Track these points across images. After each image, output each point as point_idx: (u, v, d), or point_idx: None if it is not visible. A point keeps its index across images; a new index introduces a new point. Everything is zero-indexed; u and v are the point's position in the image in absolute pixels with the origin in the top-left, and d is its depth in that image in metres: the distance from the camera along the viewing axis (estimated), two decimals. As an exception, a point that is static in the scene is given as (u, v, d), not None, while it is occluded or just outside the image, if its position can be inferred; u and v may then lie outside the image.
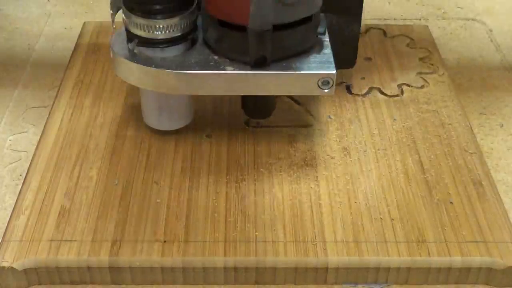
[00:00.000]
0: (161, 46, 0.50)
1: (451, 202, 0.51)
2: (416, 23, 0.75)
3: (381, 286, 0.48)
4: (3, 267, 0.47)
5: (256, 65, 0.49)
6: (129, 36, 0.50)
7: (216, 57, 0.50)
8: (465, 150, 0.56)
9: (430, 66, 0.65)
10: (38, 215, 0.50)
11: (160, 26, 0.49)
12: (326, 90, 0.49)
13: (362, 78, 0.63)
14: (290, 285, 0.48)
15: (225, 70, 0.49)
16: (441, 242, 0.48)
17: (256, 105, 0.56)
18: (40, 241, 0.48)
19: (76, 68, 0.64)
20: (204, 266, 0.47)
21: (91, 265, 0.47)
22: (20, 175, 0.56)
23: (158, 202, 0.51)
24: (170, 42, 0.50)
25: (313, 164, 0.54)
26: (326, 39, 0.52)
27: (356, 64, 0.64)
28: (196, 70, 0.49)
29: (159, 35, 0.49)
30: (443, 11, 0.78)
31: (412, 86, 0.63)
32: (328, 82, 0.49)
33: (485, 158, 0.56)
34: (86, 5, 0.78)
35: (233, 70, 0.49)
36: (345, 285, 0.48)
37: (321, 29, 0.51)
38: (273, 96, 0.56)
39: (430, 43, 0.69)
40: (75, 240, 0.48)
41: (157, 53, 0.50)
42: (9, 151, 0.58)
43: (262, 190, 0.52)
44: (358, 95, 0.61)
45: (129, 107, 0.59)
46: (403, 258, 0.47)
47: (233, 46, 0.49)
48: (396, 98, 0.61)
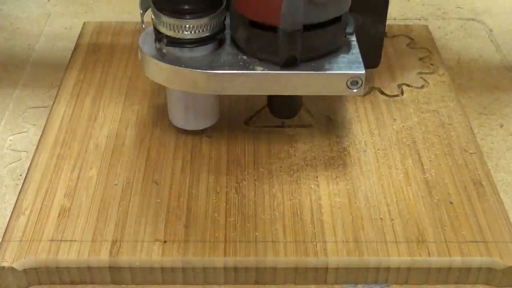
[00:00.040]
0: (190, 46, 0.50)
1: (451, 202, 0.51)
2: (416, 23, 0.74)
3: (381, 286, 0.48)
4: (3, 267, 0.47)
5: (286, 65, 0.49)
6: (158, 36, 0.50)
7: (245, 57, 0.50)
8: (465, 150, 0.56)
9: (430, 66, 0.65)
10: (38, 215, 0.50)
11: (189, 26, 0.49)
12: (355, 90, 0.49)
13: (362, 78, 0.63)
14: (290, 285, 0.48)
15: (255, 70, 0.49)
16: (441, 242, 0.48)
17: (283, 105, 0.56)
18: (40, 241, 0.48)
19: (76, 68, 0.64)
20: (204, 266, 0.47)
21: (91, 265, 0.47)
22: (20, 175, 0.56)
23: (158, 202, 0.51)
24: (199, 42, 0.50)
25: (313, 164, 0.54)
26: (354, 39, 0.51)
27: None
28: (226, 70, 0.49)
29: (188, 35, 0.49)
30: (443, 11, 0.78)
31: (412, 86, 0.63)
32: (357, 82, 0.49)
33: (485, 158, 0.56)
34: (86, 5, 0.78)
35: (263, 70, 0.49)
36: (345, 285, 0.48)
37: (350, 29, 0.51)
38: (300, 96, 0.56)
39: (430, 43, 0.69)
40: (75, 240, 0.48)
41: (186, 53, 0.50)
42: (9, 151, 0.58)
43: (262, 190, 0.52)
44: (358, 95, 0.61)
45: (129, 107, 0.59)
46: (403, 258, 0.47)
47: (263, 46, 0.49)
48: (396, 98, 0.61)
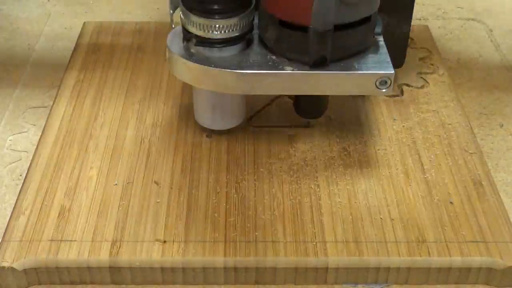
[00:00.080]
0: (219, 46, 0.49)
1: (451, 202, 0.51)
2: (416, 23, 0.74)
3: (381, 286, 0.48)
4: (3, 267, 0.47)
5: (315, 65, 0.49)
6: (186, 36, 0.50)
7: (274, 57, 0.50)
8: (465, 150, 0.56)
9: (430, 66, 0.65)
10: (38, 215, 0.50)
11: (219, 26, 0.49)
12: (384, 90, 0.49)
13: (362, 78, 0.63)
14: (290, 285, 0.48)
15: (284, 70, 0.49)
16: (441, 242, 0.48)
17: (309, 105, 0.56)
18: (40, 241, 0.48)
19: (76, 68, 0.64)
20: (204, 266, 0.47)
21: (91, 265, 0.47)
22: (20, 175, 0.56)
23: (158, 202, 0.51)
24: (228, 42, 0.49)
25: (313, 164, 0.54)
26: (381, 39, 0.51)
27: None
28: (256, 70, 0.49)
29: (217, 35, 0.49)
30: (443, 11, 0.78)
31: (412, 86, 0.63)
32: (386, 82, 0.49)
33: (485, 158, 0.56)
34: (86, 5, 0.78)
35: (293, 70, 0.49)
36: (345, 285, 0.48)
37: (378, 29, 0.51)
38: (327, 97, 0.56)
39: (430, 43, 0.68)
40: (75, 240, 0.48)
41: (214, 53, 0.50)
42: (9, 151, 0.58)
43: (262, 190, 0.52)
44: (358, 95, 0.61)
45: (130, 107, 0.59)
46: (403, 258, 0.47)
47: (293, 46, 0.49)
48: (396, 98, 0.61)
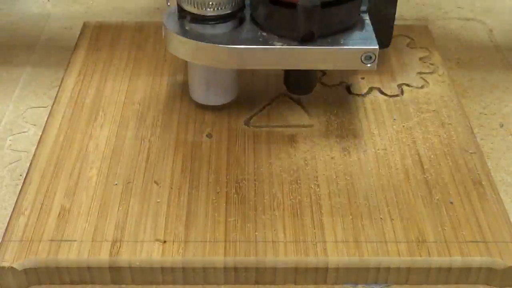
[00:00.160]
0: (212, 23, 0.52)
1: (451, 202, 0.51)
2: (416, 23, 0.74)
3: (381, 286, 0.48)
4: (3, 267, 0.47)
5: (304, 41, 0.51)
6: (182, 13, 0.53)
7: (265, 34, 0.52)
8: (465, 150, 0.56)
9: (430, 66, 0.65)
10: (38, 215, 0.50)
11: (212, 3, 0.51)
12: (369, 65, 0.52)
13: (362, 78, 0.63)
14: (290, 285, 0.48)
15: (274, 45, 0.51)
16: (441, 242, 0.48)
17: (298, 81, 0.58)
18: (40, 241, 0.48)
19: (76, 68, 0.64)
20: (204, 266, 0.47)
21: (91, 265, 0.47)
22: (20, 175, 0.56)
23: (158, 202, 0.51)
24: (221, 19, 0.52)
25: (313, 164, 0.54)
26: (367, 17, 0.54)
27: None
28: (247, 45, 0.51)
29: (211, 12, 0.52)
30: (443, 11, 0.78)
31: (412, 86, 0.63)
32: (371, 57, 0.51)
33: (485, 158, 0.56)
34: (86, 5, 0.78)
35: (282, 45, 0.51)
36: (345, 285, 0.48)
37: (364, 7, 0.53)
38: (315, 73, 0.58)
39: (430, 43, 0.68)
40: (75, 240, 0.48)
41: (208, 30, 0.52)
42: (9, 151, 0.58)
43: (262, 190, 0.52)
44: (358, 95, 0.61)
45: (130, 107, 0.59)
46: (403, 258, 0.47)
47: (282, 23, 0.51)
48: (396, 98, 0.61)
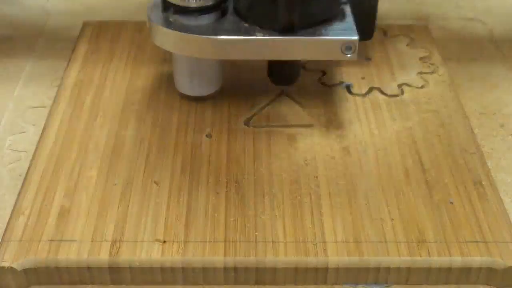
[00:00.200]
0: (195, 14, 0.53)
1: (451, 202, 0.51)
2: (416, 23, 0.74)
3: (381, 286, 0.48)
4: (3, 267, 0.47)
5: (284, 31, 0.52)
6: (165, 5, 0.54)
7: (247, 25, 0.53)
8: (465, 150, 0.56)
9: (430, 66, 0.65)
10: (38, 215, 0.50)
11: None
12: (349, 55, 0.52)
13: (362, 78, 0.63)
14: (290, 285, 0.48)
15: (255, 36, 0.52)
16: (441, 242, 0.48)
17: (282, 72, 0.58)
18: (40, 241, 0.48)
19: (76, 68, 0.64)
20: (204, 266, 0.47)
21: (91, 265, 0.47)
22: (20, 175, 0.56)
23: (158, 202, 0.51)
24: (204, 11, 0.53)
25: (313, 164, 0.54)
26: (348, 9, 0.55)
27: (356, 64, 0.64)
28: (229, 36, 0.52)
29: (194, 3, 0.53)
30: (443, 11, 0.78)
31: (412, 86, 0.63)
32: (351, 48, 0.52)
33: (485, 158, 0.56)
34: (86, 5, 0.78)
35: (263, 36, 0.52)
36: (346, 286, 0.48)
37: None
38: (298, 64, 0.59)
39: (430, 43, 0.69)
40: (75, 240, 0.48)
41: (191, 21, 0.53)
42: (9, 151, 0.58)
43: (262, 190, 0.52)
44: (358, 95, 0.61)
45: (129, 107, 0.59)
46: (403, 258, 0.47)
47: (263, 13, 0.52)
48: (396, 98, 0.61)
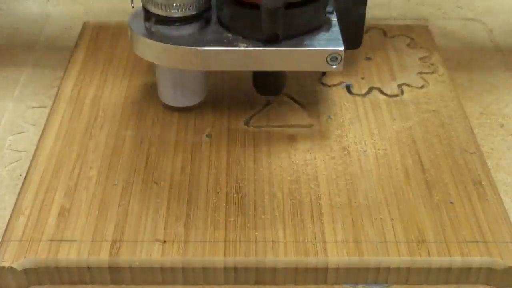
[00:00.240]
0: (177, 24, 0.52)
1: (451, 202, 0.51)
2: (416, 23, 0.74)
3: (381, 286, 0.48)
4: (3, 267, 0.47)
5: (268, 42, 0.51)
6: (147, 15, 0.53)
7: (230, 35, 0.52)
8: (465, 150, 0.56)
9: (430, 66, 0.65)
10: (38, 215, 0.50)
11: (177, 5, 0.51)
12: (334, 66, 0.51)
13: (362, 78, 0.63)
14: (290, 285, 0.48)
15: (239, 47, 0.51)
16: (441, 242, 0.48)
17: (267, 83, 0.57)
18: (40, 241, 0.48)
19: (76, 68, 0.64)
20: (204, 266, 0.47)
21: (91, 265, 0.47)
22: (20, 175, 0.56)
23: (158, 202, 0.51)
24: (186, 20, 0.52)
25: (313, 164, 0.54)
26: (334, 18, 0.54)
27: (356, 64, 0.64)
28: (211, 47, 0.51)
29: (176, 13, 0.51)
30: (443, 11, 0.78)
31: (412, 86, 0.63)
32: (336, 58, 0.51)
33: (485, 158, 0.56)
34: (86, 5, 0.78)
35: (246, 47, 0.51)
36: (345, 286, 0.48)
37: (330, 8, 0.53)
38: (284, 75, 0.58)
39: (430, 43, 0.69)
40: (75, 240, 0.48)
41: (173, 31, 0.52)
42: (9, 151, 0.58)
43: (262, 190, 0.52)
44: (358, 95, 0.61)
45: (129, 107, 0.59)
46: (403, 258, 0.47)
47: (246, 24, 0.51)
48: (396, 98, 0.61)
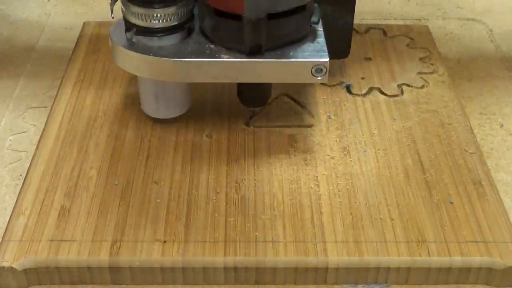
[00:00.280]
0: (159, 35, 0.51)
1: (451, 202, 0.51)
2: (416, 23, 0.74)
3: (381, 286, 0.48)
4: (3, 267, 0.47)
5: (251, 53, 0.50)
6: (127, 26, 0.51)
7: (212, 46, 0.51)
8: (465, 150, 0.56)
9: (430, 66, 0.65)
10: (38, 215, 0.50)
11: (158, 15, 0.50)
12: (319, 78, 0.50)
13: (362, 78, 0.63)
14: (290, 285, 0.48)
15: (221, 58, 0.50)
16: (441, 242, 0.48)
17: (251, 94, 0.56)
18: (40, 241, 0.48)
19: (76, 68, 0.64)
20: (204, 266, 0.47)
21: (91, 265, 0.47)
22: (20, 175, 0.56)
23: (158, 202, 0.51)
24: (167, 31, 0.51)
25: (313, 164, 0.54)
26: (320, 29, 0.52)
27: (356, 64, 0.64)
28: (193, 58, 0.50)
29: (157, 24, 0.50)
30: (443, 11, 0.78)
31: (412, 86, 0.63)
32: (322, 70, 0.50)
33: (485, 158, 0.56)
34: (86, 5, 0.78)
35: (229, 58, 0.50)
36: (345, 285, 0.48)
37: (315, 19, 0.51)
38: (269, 86, 0.57)
39: (430, 43, 0.68)
40: (75, 240, 0.48)
41: (155, 42, 0.51)
42: (9, 151, 0.58)
43: (262, 190, 0.52)
44: (358, 95, 0.61)
45: (129, 107, 0.59)
46: (403, 258, 0.47)
47: (229, 35, 0.50)
48: (396, 98, 0.61)
